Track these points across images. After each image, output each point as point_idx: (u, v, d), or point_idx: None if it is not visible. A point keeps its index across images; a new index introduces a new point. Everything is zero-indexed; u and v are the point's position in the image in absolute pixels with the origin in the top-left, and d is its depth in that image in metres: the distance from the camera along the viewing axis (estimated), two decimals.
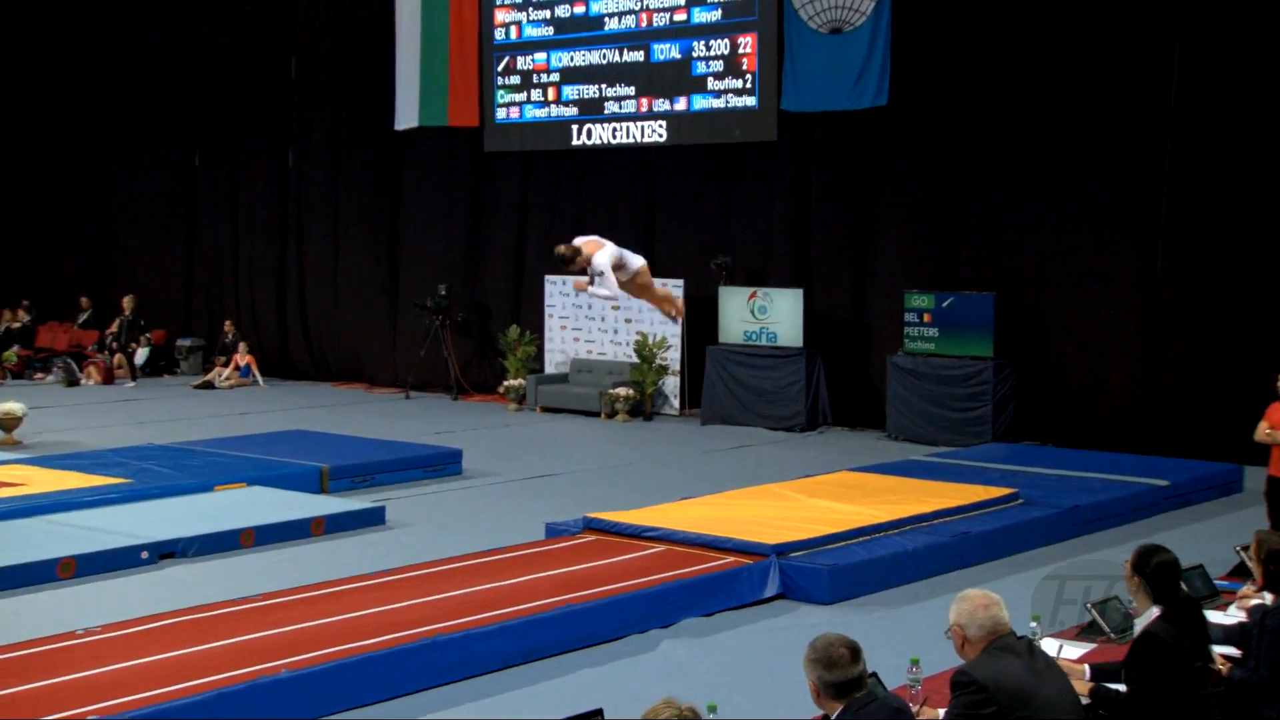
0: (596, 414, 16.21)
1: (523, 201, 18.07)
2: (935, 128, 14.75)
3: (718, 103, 15.90)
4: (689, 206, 16.70)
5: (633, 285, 8.68)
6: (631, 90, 16.61)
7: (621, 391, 15.91)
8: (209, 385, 18.88)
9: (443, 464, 12.18)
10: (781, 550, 8.15)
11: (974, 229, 14.66)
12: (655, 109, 16.39)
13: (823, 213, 15.61)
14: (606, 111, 16.77)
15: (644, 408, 16.10)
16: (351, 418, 16.02)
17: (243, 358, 19.27)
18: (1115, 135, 13.71)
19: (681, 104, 16.20)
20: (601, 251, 8.41)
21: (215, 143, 20.77)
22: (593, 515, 9.01)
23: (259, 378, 19.20)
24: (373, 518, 10.07)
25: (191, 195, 21.10)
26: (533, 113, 17.40)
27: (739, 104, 15.74)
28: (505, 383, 17.02)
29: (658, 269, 16.65)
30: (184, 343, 20.67)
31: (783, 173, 15.89)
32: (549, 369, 17.45)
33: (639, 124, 16.55)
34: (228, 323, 19.99)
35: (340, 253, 19.57)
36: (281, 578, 8.18)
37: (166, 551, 8.81)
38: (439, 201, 18.63)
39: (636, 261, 8.63)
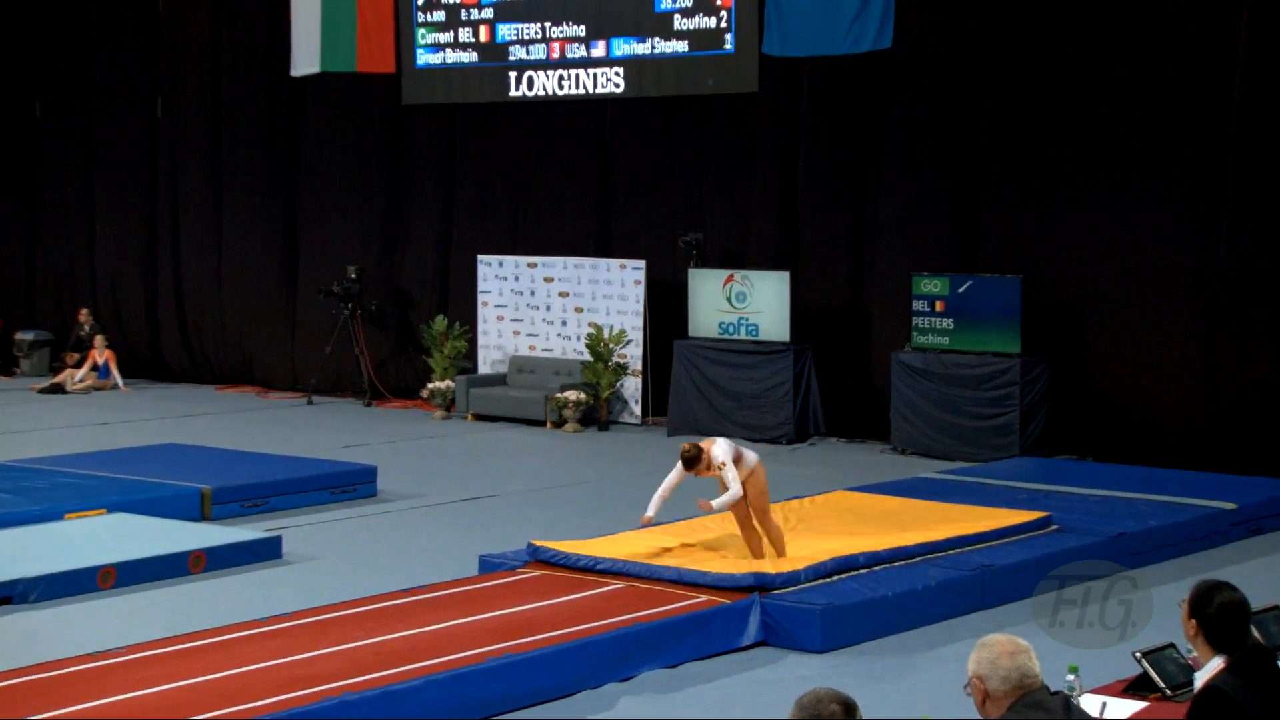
0: (541, 423, 16.21)
1: (450, 165, 18.03)
2: (949, 77, 14.76)
3: (686, 46, 15.93)
4: (652, 172, 16.70)
5: (747, 490, 8.83)
6: (582, 30, 16.60)
7: (571, 395, 15.91)
8: (58, 388, 18.69)
9: (353, 484, 12.21)
10: (764, 585, 8.18)
11: (997, 199, 14.69)
12: (611, 53, 16.42)
13: (813, 179, 15.63)
14: (551, 56, 16.77)
15: (598, 415, 16.12)
16: (240, 428, 15.99)
17: (100, 354, 19.08)
18: (1174, 90, 13.61)
19: (643, 47, 16.22)
20: (718, 445, 8.72)
21: (62, 89, 20.46)
22: (537, 544, 9.02)
23: (120, 379, 19.04)
24: (266, 550, 10.08)
25: (34, 153, 20.77)
26: (461, 57, 17.38)
27: (712, 48, 15.77)
28: (429, 385, 17.01)
29: (614, 247, 17.01)
30: (26, 336, 20.35)
31: (765, 131, 15.90)
32: (483, 368, 17.45)
33: (591, 71, 16.54)
34: (83, 312, 19.74)
35: (225, 226, 19.45)
36: (151, 625, 8.12)
37: (3, 596, 8.71)
38: (347, 164, 18.58)
39: (752, 457, 8.88)
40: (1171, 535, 10.21)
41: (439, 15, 17.50)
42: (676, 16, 15.97)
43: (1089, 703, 5.41)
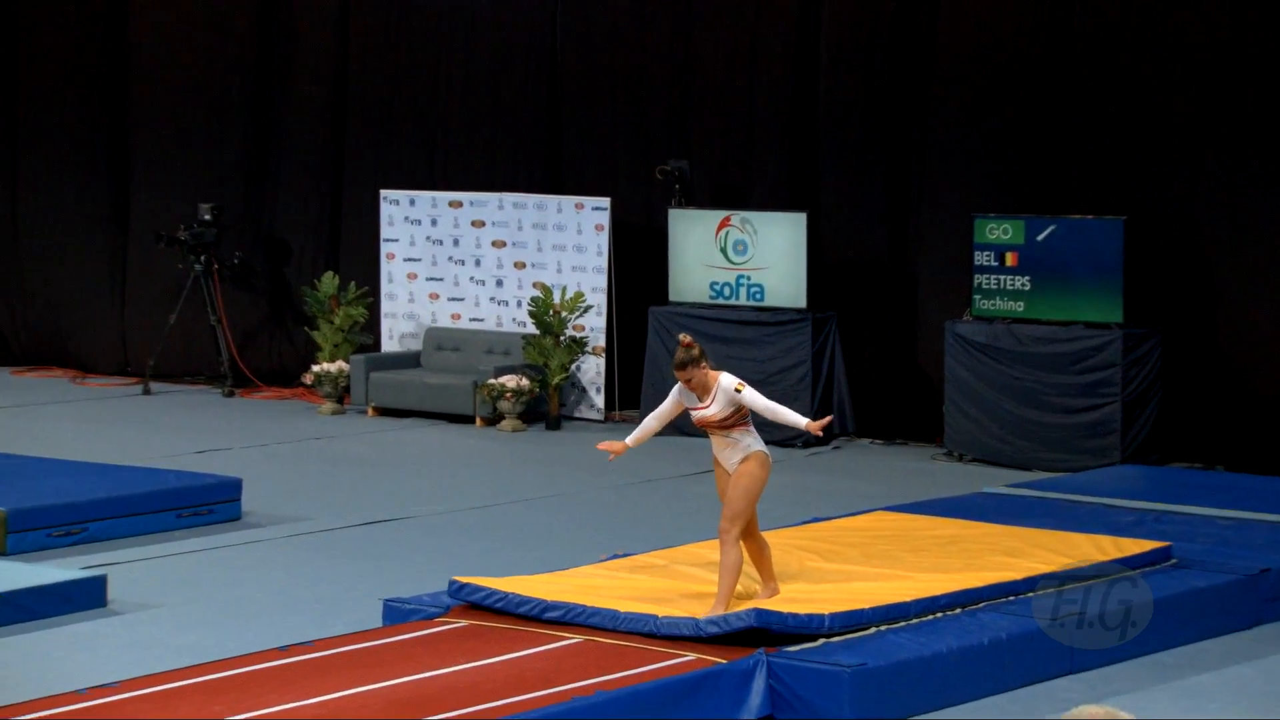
0: (469, 419, 16.16)
1: (341, 68, 17.98)
2: None
3: None
4: (618, 77, 16.64)
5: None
6: None
7: (510, 382, 15.82)
8: None
9: (208, 504, 12.16)
10: (768, 624, 8.21)
11: (1089, 116, 14.63)
12: None
13: (839, 87, 15.60)
14: None
15: (547, 408, 16.07)
16: (49, 427, 15.89)
17: None
18: None
19: None
20: (727, 376, 8.82)
21: None
22: (463, 582, 9.00)
23: None
24: (86, 596, 9.98)
25: None
26: None
27: None
28: (314, 368, 16.94)
29: (567, 179, 16.87)
30: None
31: (773, 22, 15.85)
32: (387, 344, 17.36)
33: None
34: None
35: (22, 153, 19.30)
36: None
37: None
38: (196, 65, 18.48)
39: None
40: None
41: None
42: None
43: None
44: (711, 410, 8.75)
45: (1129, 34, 14.47)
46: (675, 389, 8.87)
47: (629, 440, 9.11)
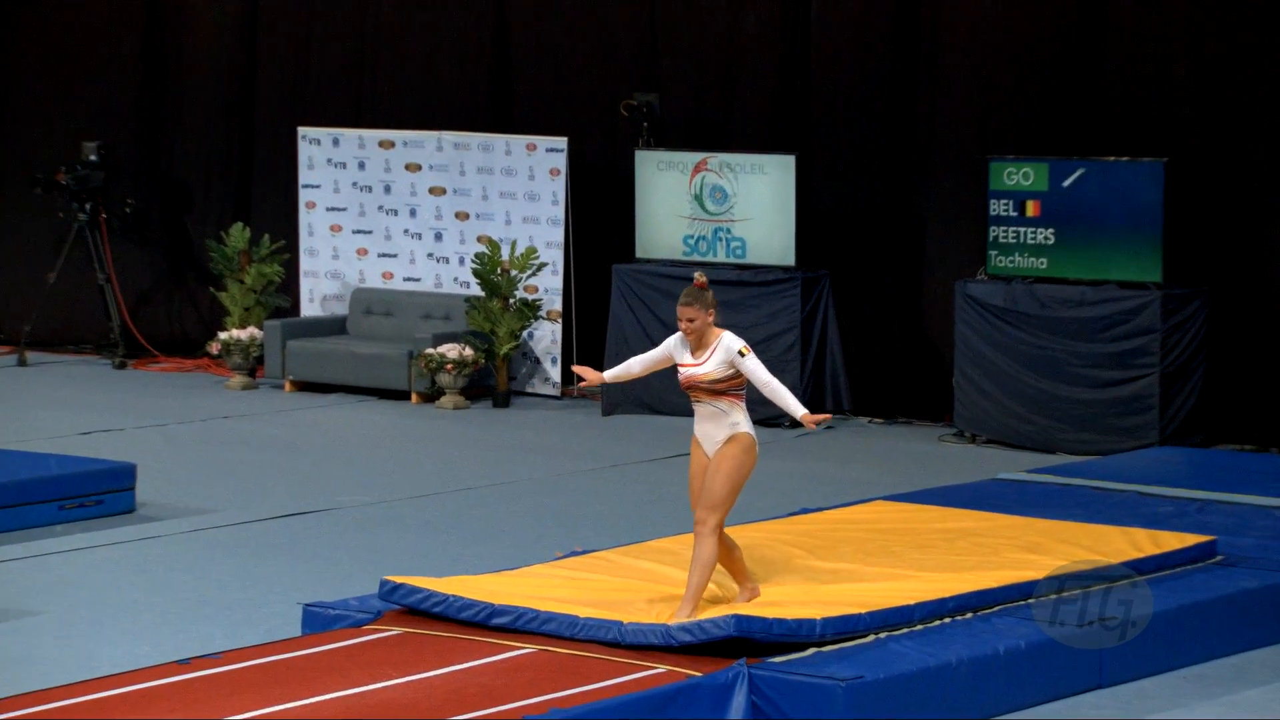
0: (404, 394, 16.19)
1: None
2: None
3: None
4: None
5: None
6: None
7: (451, 352, 15.83)
8: None
9: (97, 493, 12.08)
10: (749, 632, 8.20)
11: (1125, 40, 14.64)
12: None
13: (834, 7, 15.60)
14: None
15: (494, 382, 16.07)
16: None
17: None
18: None
19: None
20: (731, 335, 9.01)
21: None
22: (397, 583, 8.96)
23: None
24: None
25: None
26: None
27: None
28: (222, 335, 16.91)
29: (518, 115, 16.80)
30: None
31: None
32: (308, 308, 17.39)
33: None
34: None
35: None
36: None
37: None
38: None
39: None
40: None
41: None
42: None
43: None
44: (704, 369, 8.80)
45: None
46: (669, 339, 8.95)
47: (608, 374, 9.23)
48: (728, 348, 8.79)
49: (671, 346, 8.94)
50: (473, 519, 12.19)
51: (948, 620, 8.81)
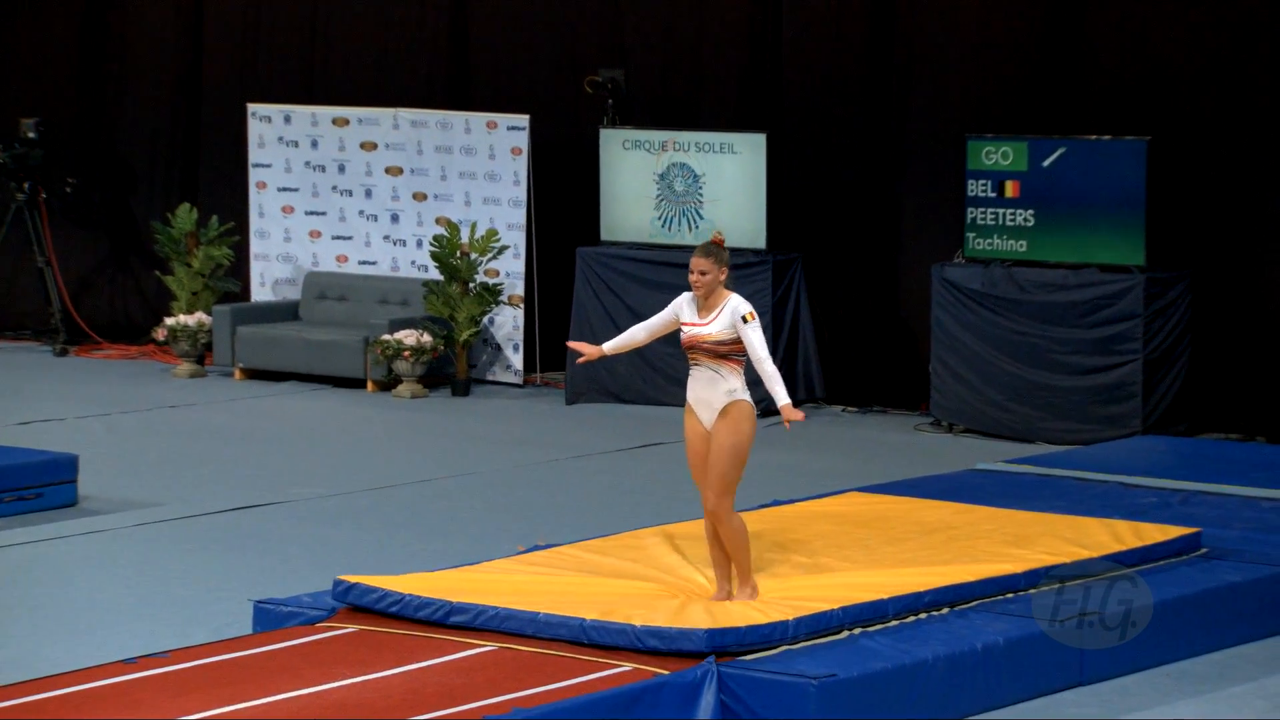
0: (360, 383, 16.24)
1: None
2: None
3: None
4: None
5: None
6: None
7: (408, 339, 15.82)
8: None
9: (36, 486, 12.07)
10: (723, 645, 8.22)
11: (1107, 17, 14.70)
12: None
13: None
14: None
15: (453, 370, 16.12)
16: None
17: None
18: None
19: None
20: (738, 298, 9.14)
21: None
22: (351, 581, 8.99)
23: None
24: None
25: None
26: None
27: None
28: (168, 321, 16.91)
29: (477, 92, 16.78)
30: None
31: None
32: (258, 293, 17.44)
33: None
34: None
35: None
36: None
37: None
38: None
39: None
40: None
41: None
42: None
43: None
44: (708, 329, 8.87)
45: None
46: (677, 299, 9.03)
47: (607, 346, 9.33)
48: (734, 310, 8.90)
49: (679, 306, 9.05)
50: (431, 512, 12.21)
51: (923, 616, 8.90)
